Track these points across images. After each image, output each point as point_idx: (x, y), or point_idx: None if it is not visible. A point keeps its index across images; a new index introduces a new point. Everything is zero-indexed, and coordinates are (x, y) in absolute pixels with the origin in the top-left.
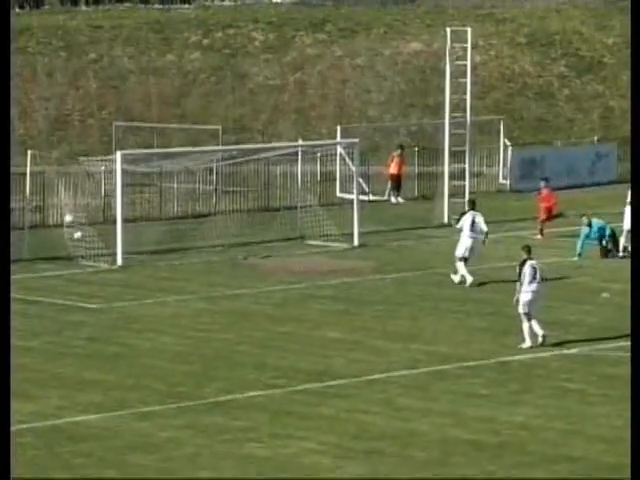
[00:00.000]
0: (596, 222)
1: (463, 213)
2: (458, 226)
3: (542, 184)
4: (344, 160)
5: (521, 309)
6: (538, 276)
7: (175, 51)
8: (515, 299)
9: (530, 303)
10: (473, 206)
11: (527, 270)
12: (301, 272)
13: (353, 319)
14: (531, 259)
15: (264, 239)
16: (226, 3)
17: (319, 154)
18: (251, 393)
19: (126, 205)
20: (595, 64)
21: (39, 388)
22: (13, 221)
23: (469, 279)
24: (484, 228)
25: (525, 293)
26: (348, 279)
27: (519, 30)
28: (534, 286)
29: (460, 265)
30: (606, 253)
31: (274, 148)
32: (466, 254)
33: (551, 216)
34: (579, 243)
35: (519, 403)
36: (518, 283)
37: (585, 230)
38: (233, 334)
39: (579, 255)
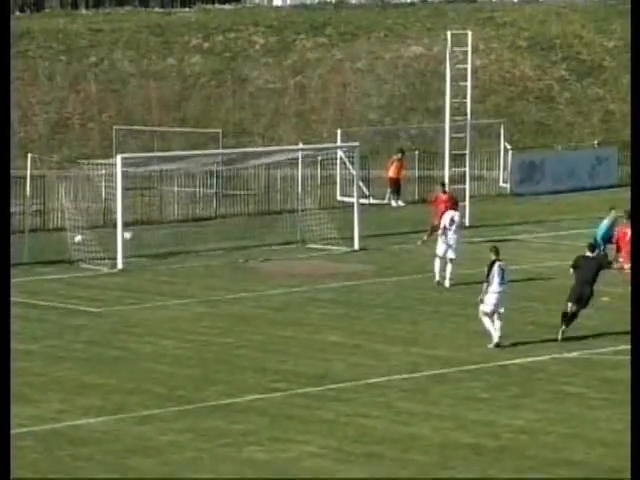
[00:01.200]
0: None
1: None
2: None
3: (440, 189)
4: (344, 164)
5: (487, 308)
6: (506, 278)
7: (175, 55)
8: (480, 298)
9: (496, 304)
10: (454, 204)
11: (495, 271)
12: (301, 275)
13: (353, 323)
14: (499, 260)
15: (264, 242)
16: (226, 6)
17: (319, 158)
18: (251, 397)
19: (126, 209)
20: (595, 67)
21: (39, 392)
22: (13, 225)
23: (437, 278)
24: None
25: (492, 294)
26: (348, 283)
27: (519, 34)
28: (501, 287)
29: (436, 263)
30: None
31: (275, 152)
32: (450, 255)
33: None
34: (599, 239)
35: (519, 407)
36: (485, 283)
37: (608, 222)
38: (233, 338)
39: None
